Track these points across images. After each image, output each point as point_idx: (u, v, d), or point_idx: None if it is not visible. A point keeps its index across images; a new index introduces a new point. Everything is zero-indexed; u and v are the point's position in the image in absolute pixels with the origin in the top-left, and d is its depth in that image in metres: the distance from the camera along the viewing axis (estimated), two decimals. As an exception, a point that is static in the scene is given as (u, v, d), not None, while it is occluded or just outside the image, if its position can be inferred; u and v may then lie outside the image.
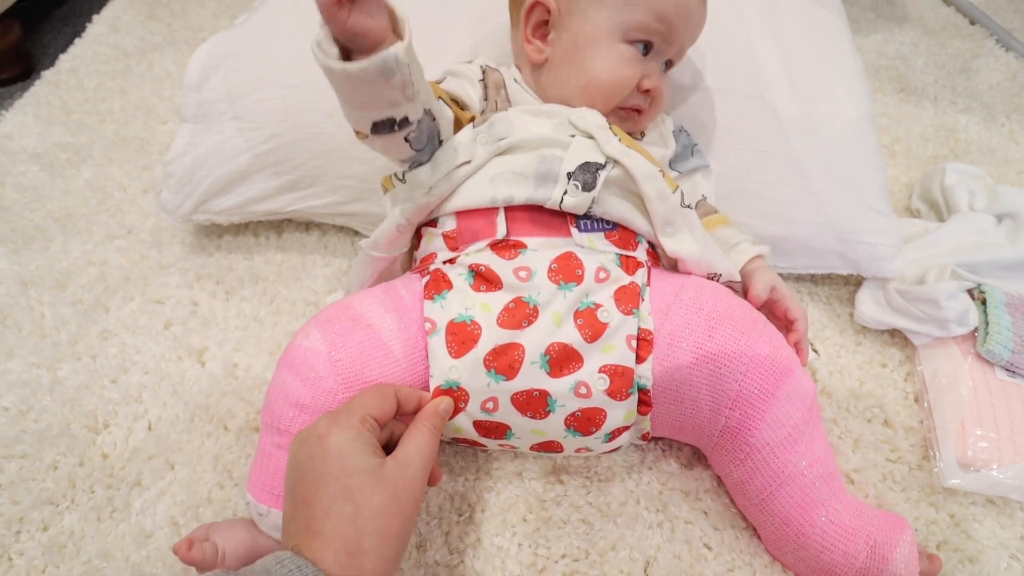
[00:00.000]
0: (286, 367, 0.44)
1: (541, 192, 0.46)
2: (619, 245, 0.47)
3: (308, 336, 0.44)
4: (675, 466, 0.53)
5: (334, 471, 0.37)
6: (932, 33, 0.98)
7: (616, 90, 0.50)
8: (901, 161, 0.79)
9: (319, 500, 0.36)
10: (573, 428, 0.44)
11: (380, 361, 0.44)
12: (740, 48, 0.64)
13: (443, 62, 0.63)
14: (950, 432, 0.52)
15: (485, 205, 0.47)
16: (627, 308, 0.44)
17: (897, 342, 0.61)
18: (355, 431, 0.38)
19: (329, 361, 0.43)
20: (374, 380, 0.43)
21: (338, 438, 0.38)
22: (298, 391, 0.43)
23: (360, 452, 0.38)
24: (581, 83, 0.50)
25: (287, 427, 0.43)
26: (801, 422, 0.44)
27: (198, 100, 0.64)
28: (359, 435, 0.38)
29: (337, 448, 0.37)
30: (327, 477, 0.37)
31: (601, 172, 0.46)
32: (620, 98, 0.51)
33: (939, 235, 0.61)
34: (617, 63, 0.50)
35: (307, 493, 0.37)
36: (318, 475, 0.37)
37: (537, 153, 0.47)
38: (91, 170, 0.79)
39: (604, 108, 0.51)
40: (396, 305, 0.45)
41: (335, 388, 0.43)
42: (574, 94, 0.51)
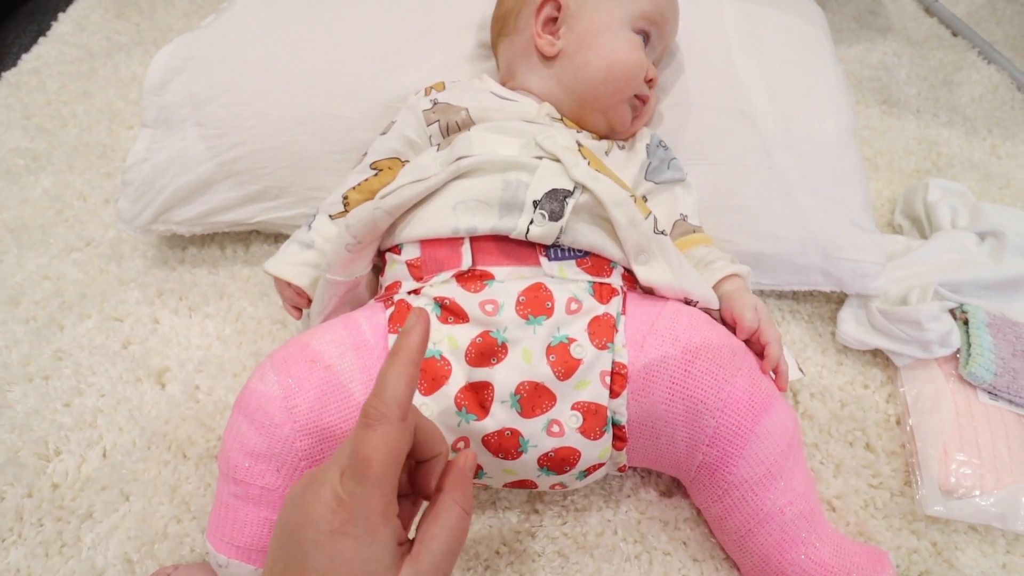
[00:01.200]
0: (241, 412, 0.42)
1: (506, 222, 0.44)
2: (592, 272, 0.45)
3: (263, 380, 0.42)
4: (654, 494, 0.51)
5: (331, 572, 0.29)
6: (915, 44, 0.98)
7: (636, 72, 0.52)
8: (884, 174, 0.78)
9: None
10: (547, 467, 0.43)
11: (339, 405, 0.41)
12: (720, 62, 0.63)
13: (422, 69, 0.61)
14: (932, 457, 0.51)
15: (447, 235, 0.45)
16: (601, 342, 0.42)
17: (879, 362, 0.60)
18: (377, 536, 0.30)
19: (285, 408, 0.41)
20: (333, 426, 0.41)
21: (352, 545, 0.29)
22: (253, 440, 0.41)
23: (371, 561, 0.29)
24: (604, 64, 0.51)
25: (243, 477, 0.41)
26: (780, 458, 0.42)
27: (159, 104, 0.61)
28: (379, 542, 0.30)
29: (345, 553, 0.29)
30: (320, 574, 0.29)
31: (569, 200, 0.44)
32: (638, 83, 0.52)
33: (921, 254, 0.60)
34: (632, 47, 0.52)
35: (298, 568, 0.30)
36: (309, 566, 0.29)
37: (502, 177, 0.45)
38: (50, 178, 0.75)
39: (627, 93, 0.52)
40: (356, 342, 0.43)
41: (291, 436, 0.41)
42: (599, 78, 0.52)
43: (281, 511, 0.32)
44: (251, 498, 0.41)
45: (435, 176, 0.45)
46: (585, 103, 0.53)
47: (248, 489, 0.41)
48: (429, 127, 0.52)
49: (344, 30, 0.63)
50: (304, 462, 0.41)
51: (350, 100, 0.60)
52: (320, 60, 0.61)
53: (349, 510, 0.29)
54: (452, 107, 0.52)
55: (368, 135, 0.59)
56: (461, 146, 0.46)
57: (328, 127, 0.60)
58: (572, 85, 0.52)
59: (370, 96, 0.60)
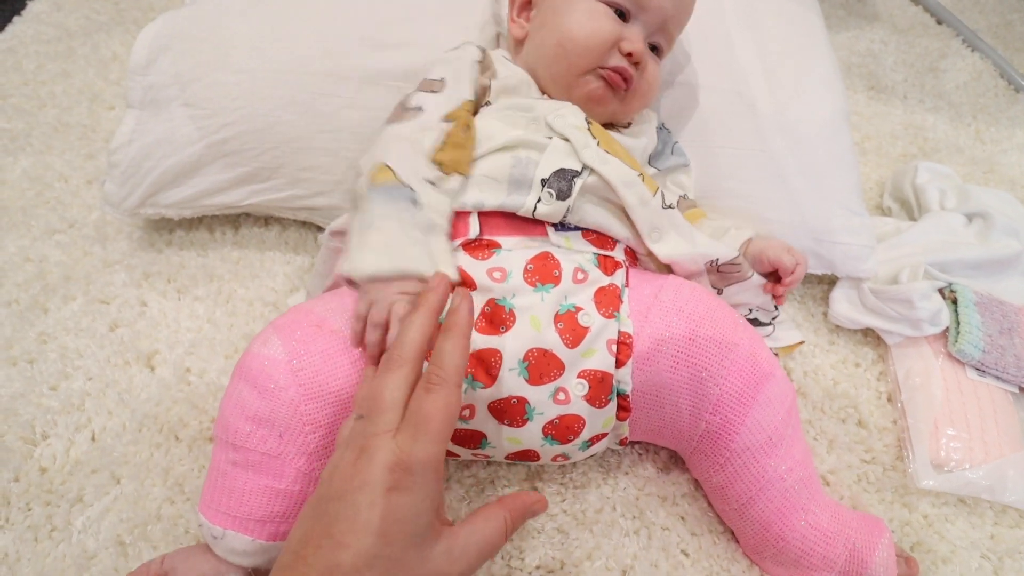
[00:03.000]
0: (242, 377, 0.41)
1: (514, 199, 0.44)
2: (597, 245, 0.45)
3: (266, 343, 0.41)
4: (652, 470, 0.52)
5: (381, 529, 0.30)
6: (901, 32, 0.99)
7: (591, 43, 0.48)
8: (872, 159, 0.79)
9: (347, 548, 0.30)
10: (551, 436, 0.43)
11: (346, 370, 0.41)
12: (717, 42, 0.63)
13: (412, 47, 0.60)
14: (923, 432, 0.52)
15: (455, 209, 0.44)
16: (608, 311, 0.42)
17: (870, 341, 0.61)
18: (428, 490, 0.32)
19: (290, 371, 0.40)
20: (339, 391, 0.41)
21: (408, 500, 0.31)
22: (256, 404, 0.40)
23: (421, 516, 0.31)
24: (554, 40, 0.49)
25: (243, 443, 0.40)
26: (781, 425, 0.43)
27: (145, 84, 0.59)
28: (429, 496, 0.32)
29: (399, 510, 0.31)
30: (368, 531, 0.30)
31: (577, 180, 0.44)
32: (596, 54, 0.48)
33: (911, 234, 0.61)
34: (590, 17, 0.48)
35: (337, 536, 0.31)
36: (359, 524, 0.31)
37: (512, 154, 0.45)
38: (29, 159, 0.73)
39: (583, 67, 0.48)
40: (364, 309, 0.42)
41: (296, 399, 0.40)
42: (551, 55, 0.49)
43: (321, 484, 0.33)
44: (251, 465, 0.40)
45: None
46: (547, 83, 0.50)
47: (248, 456, 0.40)
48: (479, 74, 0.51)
49: (333, 7, 0.62)
50: (309, 427, 0.40)
51: (340, 78, 0.59)
52: (309, 38, 0.60)
53: (406, 466, 0.32)
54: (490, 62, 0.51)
55: (359, 114, 0.58)
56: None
57: (318, 106, 0.59)
58: (535, 66, 0.51)
59: (361, 73, 0.59)
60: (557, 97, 0.50)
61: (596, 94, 0.49)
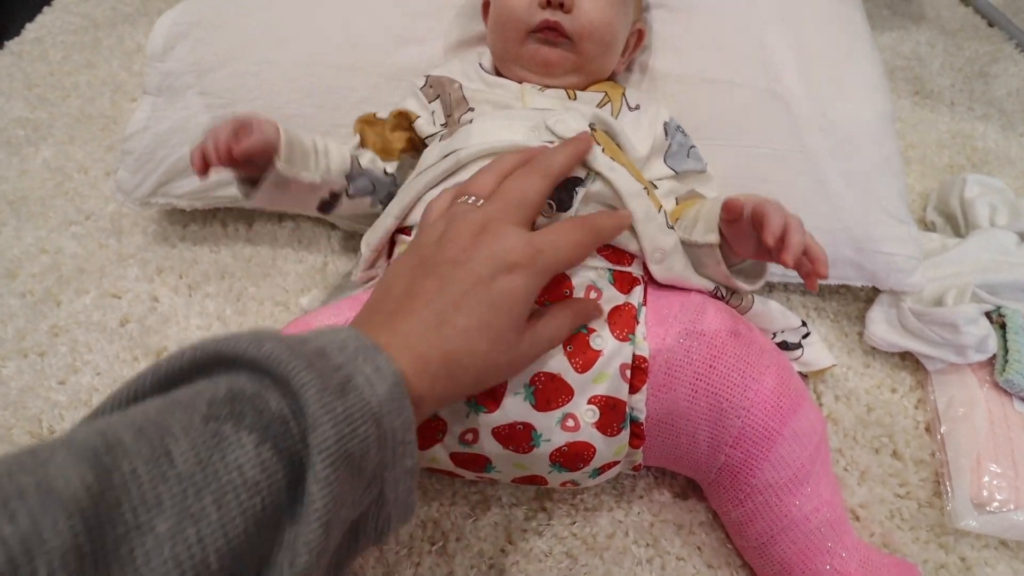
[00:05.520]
0: None
1: None
2: (612, 260, 0.42)
3: None
4: (668, 496, 0.49)
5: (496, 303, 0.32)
6: (949, 34, 0.94)
7: (513, 11, 0.48)
8: (915, 168, 0.75)
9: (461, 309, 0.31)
10: (559, 464, 0.40)
11: None
12: (749, 37, 0.59)
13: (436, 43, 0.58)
14: (964, 468, 0.49)
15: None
16: (622, 333, 0.40)
17: (908, 365, 0.57)
18: (539, 284, 0.34)
19: None
20: None
21: (523, 284, 0.33)
22: None
23: (527, 302, 0.33)
24: (493, 17, 0.51)
25: None
26: (808, 461, 0.40)
27: (162, 71, 0.59)
28: (537, 289, 0.34)
29: (515, 291, 0.33)
30: (484, 301, 0.32)
31: (579, 189, 0.41)
32: (520, 19, 0.48)
33: (959, 252, 0.57)
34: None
35: (450, 296, 0.32)
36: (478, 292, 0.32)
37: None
38: (51, 149, 0.73)
39: (515, 36, 0.49)
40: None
41: None
42: (493, 39, 0.51)
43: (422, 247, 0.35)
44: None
45: (433, 168, 0.43)
46: (505, 69, 0.51)
47: None
48: (431, 104, 0.51)
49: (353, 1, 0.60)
50: None
51: (360, 72, 0.57)
52: (330, 29, 0.59)
53: (532, 256, 0.33)
54: (446, 79, 0.50)
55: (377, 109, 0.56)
56: (460, 138, 0.44)
57: (336, 100, 0.57)
58: (494, 57, 0.52)
59: (381, 69, 0.57)
60: (519, 79, 0.50)
61: (540, 57, 0.49)
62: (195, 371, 0.26)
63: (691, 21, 0.60)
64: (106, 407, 0.25)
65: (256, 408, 0.24)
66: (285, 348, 0.25)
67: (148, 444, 0.22)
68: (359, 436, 0.25)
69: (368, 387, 0.26)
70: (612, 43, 0.50)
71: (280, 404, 0.24)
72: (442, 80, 0.51)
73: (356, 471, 0.25)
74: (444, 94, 0.50)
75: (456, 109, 0.49)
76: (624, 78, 0.59)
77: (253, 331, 0.26)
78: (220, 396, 0.24)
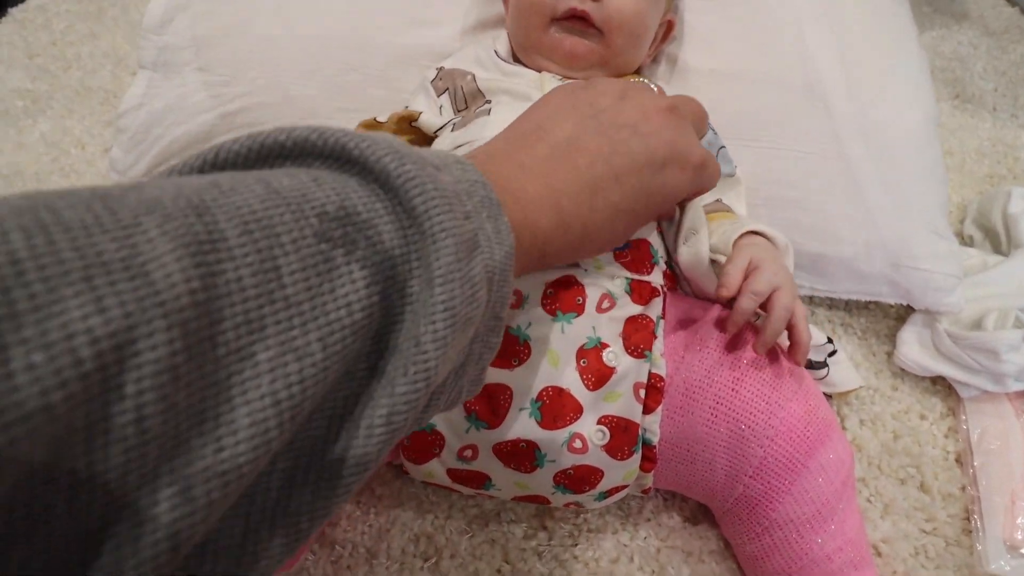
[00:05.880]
0: None
1: None
2: (631, 268, 0.39)
3: None
4: (677, 520, 0.46)
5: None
6: (994, 35, 0.89)
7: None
8: (953, 177, 0.70)
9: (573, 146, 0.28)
10: (563, 485, 0.37)
11: None
12: (788, 31, 0.55)
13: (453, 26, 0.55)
14: (997, 506, 0.45)
15: None
16: (637, 349, 0.37)
17: (940, 390, 0.53)
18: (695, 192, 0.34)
19: None
20: None
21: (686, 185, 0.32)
22: None
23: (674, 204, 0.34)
24: (512, 12, 0.48)
25: None
26: (834, 497, 0.37)
27: (159, 44, 0.56)
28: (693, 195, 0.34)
29: (674, 188, 0.31)
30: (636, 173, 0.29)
31: None
32: (547, 6, 0.45)
33: (1001, 272, 0.53)
34: None
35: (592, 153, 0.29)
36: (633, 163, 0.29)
37: None
38: (49, 122, 0.71)
39: (539, 24, 0.45)
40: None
41: None
42: (515, 27, 0.48)
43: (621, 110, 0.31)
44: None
45: None
46: (526, 58, 0.48)
47: None
48: (440, 97, 0.47)
49: (370, -24, 0.57)
50: None
51: (368, 53, 0.54)
52: (338, 6, 0.55)
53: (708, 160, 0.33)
54: (458, 72, 0.47)
55: (386, 93, 0.53)
56: (475, 128, 0.41)
57: (342, 81, 0.54)
58: (515, 45, 0.49)
59: (391, 50, 0.54)
60: (539, 68, 0.47)
61: (566, 47, 0.45)
62: (307, 157, 0.21)
63: (726, 11, 0.56)
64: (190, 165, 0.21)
65: (369, 239, 0.20)
66: (428, 177, 0.21)
67: (256, 250, 0.18)
68: (477, 301, 0.22)
69: (490, 250, 0.23)
70: (643, 36, 0.47)
71: (394, 240, 0.20)
72: (454, 73, 0.48)
73: (463, 336, 0.22)
74: (455, 87, 0.47)
75: (472, 102, 0.46)
76: (650, 70, 0.55)
77: (383, 136, 0.22)
78: (332, 210, 0.20)
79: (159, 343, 0.15)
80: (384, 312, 0.20)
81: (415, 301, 0.21)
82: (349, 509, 0.45)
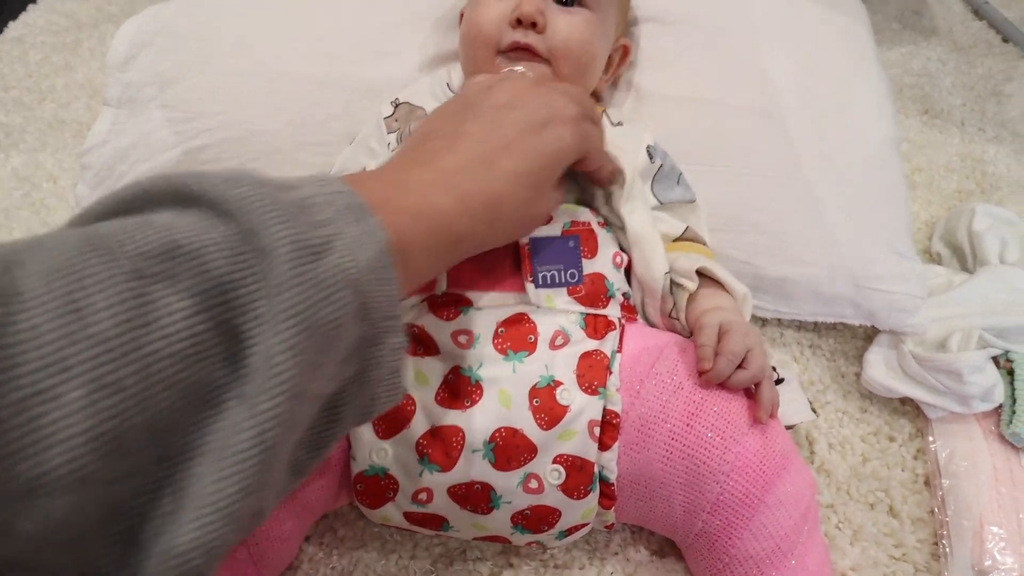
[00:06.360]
0: None
1: None
2: (585, 302, 0.39)
3: None
4: (644, 554, 0.45)
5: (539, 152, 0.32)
6: (961, 50, 0.90)
7: (480, 30, 0.46)
8: (922, 194, 0.71)
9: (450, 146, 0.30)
10: (521, 526, 0.37)
11: None
12: (745, 56, 0.56)
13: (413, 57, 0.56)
14: (965, 529, 0.45)
15: None
16: (591, 386, 0.36)
17: (908, 411, 0.53)
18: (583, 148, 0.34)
19: None
20: None
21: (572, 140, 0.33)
22: None
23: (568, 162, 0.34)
24: (461, 44, 0.49)
25: None
26: (793, 531, 0.37)
27: (123, 81, 0.56)
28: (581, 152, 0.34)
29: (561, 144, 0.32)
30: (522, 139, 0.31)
31: None
32: (489, 39, 0.46)
33: (965, 291, 0.54)
34: (476, 7, 0.47)
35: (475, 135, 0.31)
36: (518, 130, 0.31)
37: None
38: (21, 156, 0.71)
39: (485, 55, 0.46)
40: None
41: None
42: (463, 58, 0.50)
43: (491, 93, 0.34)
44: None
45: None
46: None
47: None
48: (389, 135, 0.48)
49: (331, 11, 0.58)
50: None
51: (331, 88, 0.54)
52: (300, 41, 0.56)
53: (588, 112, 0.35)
54: (413, 108, 0.48)
55: (349, 127, 0.53)
56: None
57: (305, 116, 0.54)
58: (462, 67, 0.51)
59: (353, 84, 0.54)
60: None
61: None
62: (150, 204, 0.23)
63: (684, 36, 0.56)
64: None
65: (194, 269, 0.21)
66: (265, 194, 0.22)
67: (54, 297, 0.19)
68: (333, 303, 0.22)
69: (349, 252, 0.23)
70: (591, 64, 0.47)
71: (225, 265, 0.21)
72: (409, 114, 0.48)
73: (329, 342, 0.22)
74: (404, 127, 0.47)
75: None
76: (608, 95, 0.56)
77: (234, 169, 0.24)
78: (152, 248, 0.21)
79: None
80: (227, 336, 0.21)
81: (263, 317, 0.21)
82: (311, 551, 0.44)
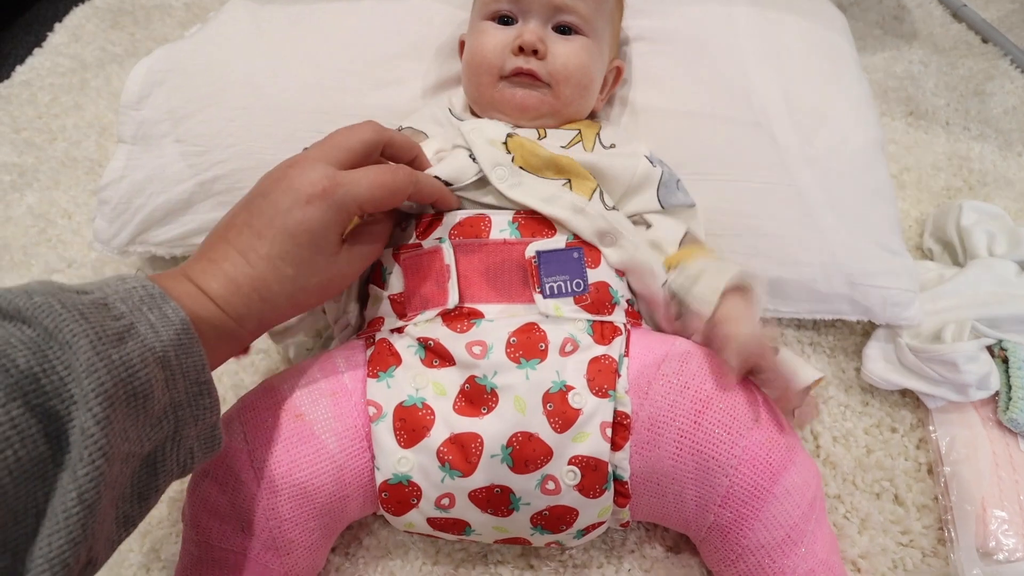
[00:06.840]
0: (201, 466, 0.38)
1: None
2: (591, 310, 0.41)
3: (228, 429, 0.38)
4: (660, 550, 0.47)
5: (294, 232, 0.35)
6: (943, 52, 0.93)
7: (483, 59, 0.48)
8: (911, 193, 0.73)
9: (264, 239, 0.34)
10: (540, 526, 0.39)
11: (311, 459, 0.38)
12: (733, 71, 0.58)
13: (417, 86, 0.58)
14: (969, 514, 0.47)
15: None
16: (601, 389, 0.38)
17: (908, 402, 0.55)
18: (339, 219, 0.36)
19: (250, 463, 0.37)
20: (303, 482, 0.38)
21: (319, 216, 0.35)
22: (216, 498, 0.38)
23: (329, 233, 0.36)
24: (464, 65, 0.52)
25: (205, 537, 0.38)
26: (802, 520, 0.38)
27: (137, 119, 0.58)
28: (339, 224, 0.36)
29: (311, 221, 0.35)
30: (284, 230, 0.35)
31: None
32: (491, 67, 0.48)
33: (956, 284, 0.56)
34: (479, 36, 0.50)
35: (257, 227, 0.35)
36: (278, 222, 0.35)
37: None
38: (35, 195, 0.73)
39: (487, 82, 0.48)
40: (332, 387, 0.40)
41: (257, 494, 0.37)
42: (467, 86, 0.52)
43: (261, 181, 0.37)
44: (214, 561, 0.38)
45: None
46: (476, 105, 0.51)
47: (211, 552, 0.37)
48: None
49: (334, 44, 0.60)
50: (272, 521, 0.37)
51: (339, 118, 0.55)
52: (308, 75, 0.58)
53: (330, 189, 0.36)
54: (416, 133, 0.50)
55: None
56: None
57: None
58: (465, 92, 0.52)
59: (357, 113, 0.55)
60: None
61: (516, 100, 0.48)
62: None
63: (672, 54, 0.59)
64: None
65: (3, 366, 0.25)
66: (57, 301, 0.26)
67: None
68: (140, 379, 0.27)
69: (152, 333, 0.28)
70: (590, 86, 0.49)
71: (29, 361, 0.25)
72: (412, 134, 0.50)
73: (140, 409, 0.27)
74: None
75: None
76: (604, 113, 0.58)
77: (33, 282, 0.28)
78: None
79: None
80: (45, 416, 0.25)
81: (75, 397, 0.25)
82: (337, 561, 0.46)
